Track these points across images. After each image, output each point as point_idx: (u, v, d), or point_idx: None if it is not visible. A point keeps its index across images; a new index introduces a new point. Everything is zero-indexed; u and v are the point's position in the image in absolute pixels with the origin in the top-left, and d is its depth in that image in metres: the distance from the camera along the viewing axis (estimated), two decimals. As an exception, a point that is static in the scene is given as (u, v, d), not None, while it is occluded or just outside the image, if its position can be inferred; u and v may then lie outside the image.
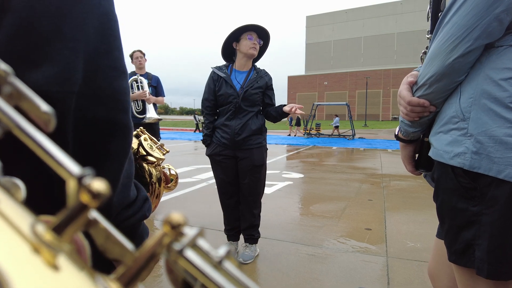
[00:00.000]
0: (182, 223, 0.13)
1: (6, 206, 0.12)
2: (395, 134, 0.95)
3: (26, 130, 0.13)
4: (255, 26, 2.16)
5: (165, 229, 0.13)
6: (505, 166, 0.64)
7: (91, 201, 0.12)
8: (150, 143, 0.65)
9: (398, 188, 4.55)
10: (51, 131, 0.14)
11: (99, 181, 0.12)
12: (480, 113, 0.68)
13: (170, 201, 3.79)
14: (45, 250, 0.11)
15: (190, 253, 0.13)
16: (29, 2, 0.30)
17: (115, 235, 0.14)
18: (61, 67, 0.31)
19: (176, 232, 0.13)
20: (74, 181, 0.13)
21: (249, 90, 2.16)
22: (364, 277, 2.03)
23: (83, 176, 0.13)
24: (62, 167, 0.13)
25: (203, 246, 0.14)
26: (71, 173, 0.13)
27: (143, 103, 3.48)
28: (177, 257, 0.13)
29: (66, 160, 0.13)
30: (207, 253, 0.14)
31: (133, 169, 0.42)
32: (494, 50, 0.69)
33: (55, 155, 0.13)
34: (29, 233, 0.12)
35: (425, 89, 0.77)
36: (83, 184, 0.12)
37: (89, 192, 0.12)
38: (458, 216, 0.73)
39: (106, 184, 0.13)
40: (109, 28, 0.35)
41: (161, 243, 0.13)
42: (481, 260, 0.69)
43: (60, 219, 0.12)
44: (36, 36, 0.30)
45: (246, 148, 2.17)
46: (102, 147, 0.36)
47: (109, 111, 0.35)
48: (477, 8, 0.66)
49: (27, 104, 0.14)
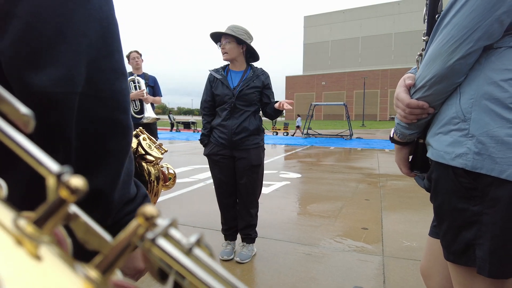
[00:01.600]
0: (155, 215, 0.14)
1: None
2: (390, 136, 0.94)
3: (6, 131, 0.14)
4: (212, 35, 2.22)
5: (139, 221, 0.14)
6: (507, 166, 0.65)
7: (69, 196, 0.13)
8: (149, 143, 0.66)
9: (395, 188, 4.57)
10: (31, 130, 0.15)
11: (77, 178, 0.13)
12: (481, 114, 0.68)
13: (168, 201, 3.79)
14: (28, 242, 0.12)
15: (162, 242, 0.14)
16: (34, 9, 0.31)
17: (94, 227, 0.15)
18: (64, 69, 0.32)
19: (150, 223, 0.14)
20: (53, 178, 0.13)
21: (244, 89, 2.17)
22: (360, 276, 2.04)
23: (61, 173, 0.13)
24: (41, 165, 0.14)
25: (174, 235, 0.15)
26: (50, 171, 0.14)
27: (141, 103, 3.49)
28: (150, 245, 0.14)
29: (45, 159, 0.14)
30: (178, 241, 0.15)
31: (133, 167, 0.44)
32: (493, 51, 0.69)
33: (34, 154, 0.14)
34: (11, 226, 0.12)
35: (424, 91, 0.77)
36: (62, 181, 0.13)
37: (67, 188, 0.13)
38: (458, 216, 0.73)
39: (83, 181, 0.13)
40: (110, 31, 0.37)
41: (136, 233, 0.14)
42: (483, 259, 0.69)
43: (41, 213, 0.13)
44: (40, 40, 0.31)
45: (243, 148, 2.18)
46: (103, 146, 0.37)
47: (110, 111, 0.37)
48: (479, 9, 0.66)
49: (6, 107, 0.15)
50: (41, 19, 0.31)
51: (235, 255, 2.31)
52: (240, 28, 2.17)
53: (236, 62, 2.23)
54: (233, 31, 2.14)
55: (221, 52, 2.19)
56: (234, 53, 2.17)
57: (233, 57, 2.18)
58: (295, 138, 15.54)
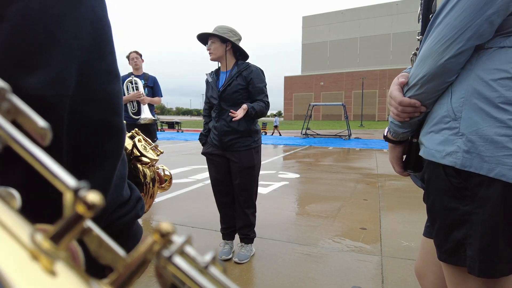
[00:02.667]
0: (171, 231, 0.14)
1: (4, 215, 0.13)
2: (384, 135, 0.95)
3: (24, 144, 0.14)
4: (198, 36, 2.22)
5: (155, 237, 0.14)
6: (495, 165, 0.65)
7: (86, 212, 0.13)
8: (144, 144, 0.66)
9: (393, 188, 4.58)
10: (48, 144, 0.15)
11: (93, 193, 0.13)
12: (471, 113, 0.69)
13: (166, 201, 3.79)
14: (43, 257, 0.12)
15: (178, 260, 0.14)
16: (23, 11, 0.31)
17: (108, 242, 0.15)
18: (55, 72, 0.32)
19: (165, 239, 0.14)
20: (70, 193, 0.13)
21: (227, 89, 2.15)
22: (359, 276, 2.04)
23: (79, 189, 0.13)
24: (58, 180, 0.14)
25: (190, 252, 0.15)
26: (67, 186, 0.14)
27: (138, 104, 3.49)
28: (166, 263, 0.14)
29: (62, 173, 0.14)
30: (194, 259, 0.15)
31: (126, 169, 0.43)
32: (484, 51, 0.70)
33: (52, 168, 0.14)
34: (28, 241, 0.13)
35: (416, 89, 0.78)
36: (79, 196, 0.13)
37: (84, 204, 0.13)
38: (449, 216, 0.73)
39: (100, 196, 0.13)
40: (102, 33, 0.36)
41: (151, 250, 0.14)
42: (473, 258, 0.69)
43: (57, 229, 0.13)
44: (31, 43, 0.31)
45: (234, 150, 2.18)
46: (95, 148, 0.37)
47: (102, 113, 0.36)
48: (469, 10, 0.67)
49: (24, 119, 0.15)
50: (32, 22, 0.31)
51: (233, 255, 2.31)
52: (224, 27, 2.17)
53: (224, 62, 2.22)
54: (217, 30, 2.15)
55: (209, 53, 2.20)
56: (218, 52, 2.16)
57: (218, 56, 2.18)
58: (294, 138, 15.54)
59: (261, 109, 2.15)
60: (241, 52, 2.23)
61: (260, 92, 2.18)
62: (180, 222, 3.05)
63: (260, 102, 2.17)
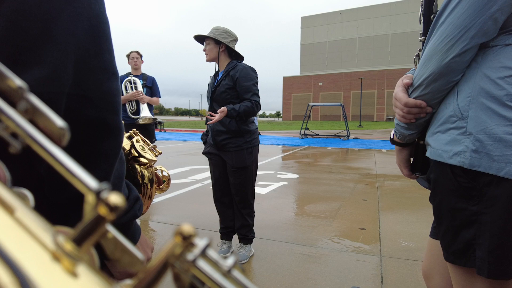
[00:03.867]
0: (193, 234, 0.14)
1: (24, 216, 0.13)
2: (390, 138, 0.94)
3: (44, 145, 0.14)
4: (196, 37, 2.26)
5: (176, 240, 0.14)
6: (505, 164, 0.64)
7: (108, 214, 0.13)
8: (143, 145, 0.65)
9: (392, 188, 4.58)
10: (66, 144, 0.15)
11: (115, 195, 0.13)
12: (478, 112, 0.68)
13: (165, 202, 3.78)
14: (65, 259, 0.12)
15: (202, 263, 0.14)
16: (18, 6, 0.30)
17: (126, 244, 0.15)
18: (50, 69, 0.32)
19: (187, 242, 0.14)
20: (92, 195, 0.13)
21: (217, 89, 2.19)
22: (358, 276, 2.04)
23: (100, 190, 0.13)
24: (80, 182, 0.14)
25: (212, 256, 0.15)
26: (89, 188, 0.13)
27: (137, 104, 3.48)
28: (189, 266, 0.14)
29: (84, 175, 0.14)
30: (217, 262, 0.15)
31: (124, 169, 0.43)
32: (489, 49, 0.70)
33: (73, 170, 0.14)
34: (50, 243, 0.12)
35: (421, 90, 0.77)
36: (101, 198, 0.13)
37: (106, 206, 0.13)
38: (457, 216, 0.72)
39: (122, 198, 0.13)
40: (100, 30, 0.36)
41: (173, 253, 0.14)
42: (482, 260, 0.68)
43: (79, 231, 0.13)
44: (26, 39, 0.31)
45: (226, 151, 2.20)
46: (92, 147, 0.36)
47: (99, 112, 0.36)
48: (472, 7, 0.66)
49: (42, 119, 0.15)
50: (27, 18, 0.30)
51: (231, 255, 2.30)
52: (219, 29, 2.19)
53: (220, 63, 2.24)
54: (212, 32, 2.18)
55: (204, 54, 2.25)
56: (212, 53, 2.19)
57: (212, 58, 2.21)
58: (292, 138, 15.55)
59: (247, 109, 2.09)
60: (236, 53, 2.24)
61: (247, 91, 2.13)
62: (179, 223, 3.04)
63: (247, 101, 2.13)
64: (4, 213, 0.13)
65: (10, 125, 0.14)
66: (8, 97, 0.15)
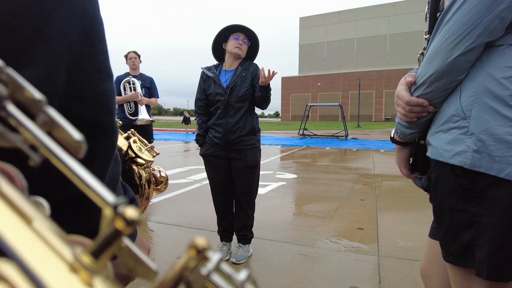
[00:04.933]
0: (207, 247, 0.14)
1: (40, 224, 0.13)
2: (391, 136, 0.93)
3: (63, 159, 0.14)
4: (241, 26, 2.17)
5: (190, 253, 0.14)
6: (506, 165, 0.64)
7: (125, 228, 0.13)
8: (140, 145, 0.66)
9: (390, 188, 4.59)
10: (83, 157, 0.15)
11: (132, 209, 0.13)
12: (481, 111, 0.67)
13: (163, 202, 3.78)
14: (83, 271, 0.12)
15: (216, 278, 0.14)
16: (9, 6, 0.30)
17: (140, 255, 0.15)
18: (43, 70, 0.31)
19: (201, 256, 0.14)
20: (110, 209, 0.13)
21: (236, 84, 2.15)
22: (356, 276, 2.05)
23: (118, 205, 0.13)
24: (98, 196, 0.14)
25: (226, 270, 0.15)
26: (107, 202, 0.14)
27: (135, 105, 3.47)
28: (204, 281, 0.14)
29: (102, 189, 0.14)
30: (230, 276, 0.15)
31: (119, 170, 0.43)
32: (494, 49, 0.68)
33: (91, 184, 0.14)
34: (69, 254, 0.13)
35: (424, 88, 0.76)
36: (118, 212, 0.13)
37: (123, 220, 0.13)
38: (457, 217, 0.71)
39: (138, 212, 0.13)
40: (94, 31, 0.36)
41: (187, 267, 0.14)
42: (481, 261, 0.68)
43: (97, 245, 0.13)
44: (17, 40, 0.30)
45: (239, 149, 2.16)
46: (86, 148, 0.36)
47: (94, 113, 0.36)
48: (479, 5, 0.65)
49: (60, 131, 0.15)
50: (18, 18, 0.30)
51: (230, 255, 2.30)
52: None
53: (235, 61, 2.22)
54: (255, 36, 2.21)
55: (235, 45, 2.15)
56: (244, 54, 2.20)
57: (241, 56, 2.20)
58: (291, 138, 15.55)
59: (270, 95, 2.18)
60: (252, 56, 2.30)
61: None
62: (177, 223, 3.04)
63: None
64: (22, 223, 0.13)
65: (29, 137, 0.14)
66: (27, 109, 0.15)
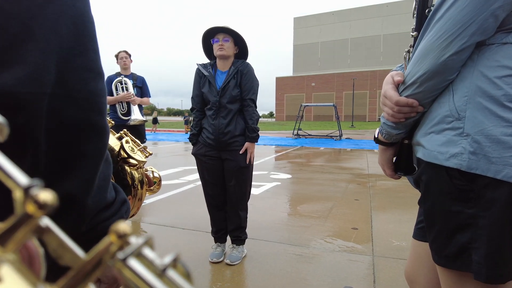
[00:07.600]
0: (128, 233, 0.14)
1: None
2: (375, 137, 0.90)
3: None
4: (215, 28, 2.16)
5: (112, 238, 0.13)
6: (503, 166, 0.62)
7: (36, 211, 0.12)
8: (132, 146, 0.64)
9: (384, 188, 4.62)
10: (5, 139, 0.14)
11: (46, 192, 0.12)
12: (475, 112, 0.66)
13: (157, 203, 3.75)
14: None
15: (133, 262, 0.13)
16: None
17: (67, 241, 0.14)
18: (32, 68, 0.30)
19: (123, 241, 0.14)
20: (20, 191, 0.13)
21: (227, 86, 2.14)
22: (350, 276, 2.05)
23: (30, 187, 0.13)
24: (9, 177, 0.13)
25: (148, 255, 0.14)
26: (18, 184, 0.13)
27: (128, 105, 3.45)
28: (121, 266, 0.13)
29: (13, 170, 0.13)
30: (152, 262, 0.14)
31: (110, 171, 0.42)
32: (486, 48, 0.67)
33: (2, 165, 0.13)
34: None
35: (414, 88, 0.73)
36: (29, 195, 0.12)
37: (35, 203, 0.12)
38: (452, 219, 0.70)
39: (53, 195, 0.12)
40: (84, 29, 0.35)
41: (108, 252, 0.13)
42: (479, 264, 0.66)
43: (3, 230, 0.12)
44: (5, 37, 0.30)
45: (231, 150, 2.16)
46: (76, 148, 0.35)
47: (84, 112, 0.35)
48: (474, 3, 0.64)
49: None
50: (6, 15, 0.29)
51: (225, 257, 2.29)
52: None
53: (226, 62, 2.19)
54: (231, 31, 2.14)
55: (217, 48, 2.13)
56: (229, 52, 2.16)
57: (227, 56, 2.15)
58: (285, 138, 15.58)
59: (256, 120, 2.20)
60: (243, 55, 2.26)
61: (248, 91, 2.17)
62: (171, 224, 3.02)
63: (246, 108, 2.18)
64: None
65: None
66: None
